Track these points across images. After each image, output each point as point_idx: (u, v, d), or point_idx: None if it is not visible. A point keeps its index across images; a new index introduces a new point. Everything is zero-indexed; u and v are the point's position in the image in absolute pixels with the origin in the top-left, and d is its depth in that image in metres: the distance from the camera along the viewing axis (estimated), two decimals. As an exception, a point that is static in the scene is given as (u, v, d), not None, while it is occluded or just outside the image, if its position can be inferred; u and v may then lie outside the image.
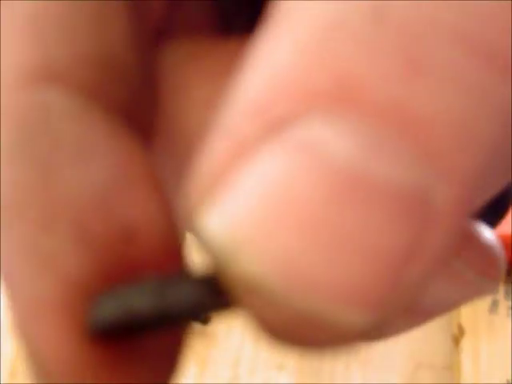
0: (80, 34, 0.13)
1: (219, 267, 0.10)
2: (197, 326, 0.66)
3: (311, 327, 0.10)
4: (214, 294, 0.11)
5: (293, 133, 0.10)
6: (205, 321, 0.65)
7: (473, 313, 0.62)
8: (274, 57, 0.10)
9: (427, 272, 0.10)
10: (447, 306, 0.16)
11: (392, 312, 0.10)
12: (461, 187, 0.10)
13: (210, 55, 0.14)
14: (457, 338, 0.62)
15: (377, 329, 0.10)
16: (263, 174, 0.10)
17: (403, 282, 0.10)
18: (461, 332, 0.62)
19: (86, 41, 0.13)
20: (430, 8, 0.10)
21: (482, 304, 0.63)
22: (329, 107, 0.10)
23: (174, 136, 0.14)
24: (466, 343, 0.61)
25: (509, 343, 0.60)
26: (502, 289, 0.63)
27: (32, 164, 0.12)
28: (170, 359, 0.13)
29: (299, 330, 0.10)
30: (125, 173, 0.12)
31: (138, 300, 0.11)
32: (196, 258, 0.12)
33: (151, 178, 0.12)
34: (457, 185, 0.10)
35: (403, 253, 0.10)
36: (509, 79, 0.10)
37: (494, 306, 0.63)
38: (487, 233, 0.16)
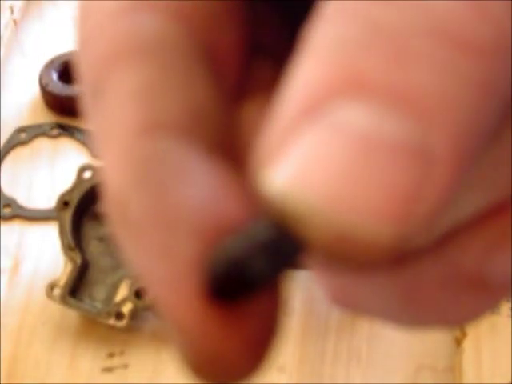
0: (176, 93, 0.17)
1: (282, 209, 0.15)
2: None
3: (350, 244, 0.15)
4: (286, 232, 0.15)
5: (326, 116, 0.15)
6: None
7: (474, 314, 0.62)
8: (307, 66, 0.15)
9: (436, 205, 0.15)
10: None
11: (412, 232, 0.14)
12: (452, 139, 0.14)
13: None
14: (458, 340, 0.62)
15: (402, 246, 0.15)
16: (311, 143, 0.15)
17: (417, 207, 0.14)
18: (462, 333, 0.62)
19: (181, 100, 0.17)
20: (409, 15, 0.15)
21: (483, 305, 0.62)
22: (347, 95, 0.15)
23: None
24: (467, 344, 0.61)
25: (510, 344, 0.60)
26: (503, 290, 0.63)
27: (153, 189, 0.16)
28: (272, 317, 0.17)
29: (342, 247, 0.15)
30: (218, 184, 0.17)
31: (240, 250, 0.16)
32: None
33: (238, 185, 0.17)
34: (448, 137, 0.14)
35: (414, 185, 0.14)
36: (476, 58, 0.14)
37: (496, 307, 0.62)
38: None
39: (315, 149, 0.14)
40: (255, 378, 0.17)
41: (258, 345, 0.17)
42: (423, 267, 0.18)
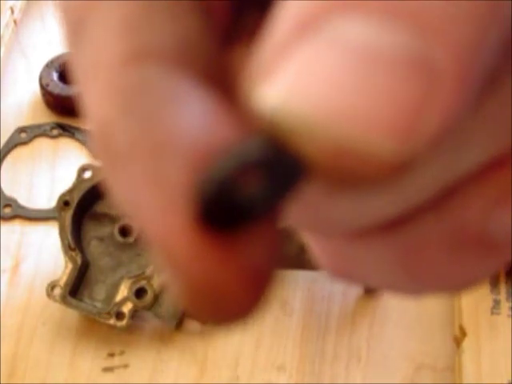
0: (162, 25, 0.17)
1: (277, 125, 0.14)
2: (197, 327, 0.66)
3: (350, 159, 0.14)
4: (282, 151, 0.14)
5: (327, 30, 0.14)
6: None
7: (474, 314, 0.62)
8: None
9: (440, 125, 0.14)
10: None
11: (415, 151, 0.14)
12: (456, 53, 0.14)
13: None
14: (458, 339, 0.62)
15: (406, 165, 0.14)
16: (308, 57, 0.14)
17: (421, 123, 0.14)
18: (462, 333, 0.62)
19: (169, 30, 0.17)
20: None
21: (483, 305, 0.62)
22: (347, 11, 0.14)
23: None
24: (467, 344, 0.61)
25: (510, 344, 0.60)
26: (503, 289, 0.63)
27: (141, 117, 0.16)
28: (271, 248, 0.16)
29: (341, 163, 0.14)
30: (209, 111, 0.16)
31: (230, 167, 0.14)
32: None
33: (228, 110, 0.16)
34: (452, 50, 0.14)
35: (418, 98, 0.14)
36: None
37: (496, 306, 0.62)
38: None
39: (312, 61, 0.14)
40: (256, 317, 0.16)
41: (257, 276, 0.15)
42: (424, 226, 0.18)
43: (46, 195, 0.74)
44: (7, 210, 0.73)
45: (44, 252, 0.71)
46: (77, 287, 0.66)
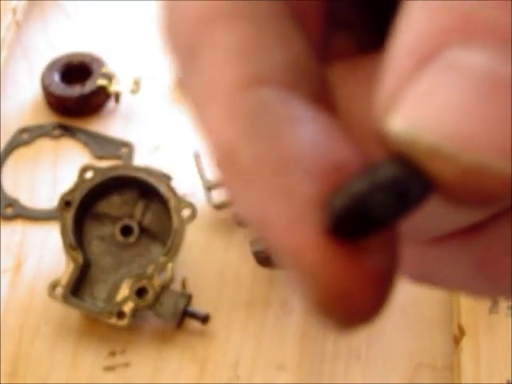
0: (273, 49, 0.18)
1: (407, 148, 0.15)
2: (197, 326, 0.66)
3: (479, 178, 0.15)
4: (413, 171, 0.16)
5: (442, 59, 0.15)
6: (205, 320, 0.65)
7: (473, 313, 0.62)
8: (417, 15, 0.16)
9: None
10: None
11: None
12: None
13: (364, 68, 0.20)
14: (457, 338, 0.62)
15: None
16: (431, 84, 0.15)
17: None
18: (461, 332, 0.62)
19: (279, 55, 0.18)
20: None
21: (482, 304, 0.63)
22: (463, 38, 0.15)
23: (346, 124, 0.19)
24: (466, 343, 0.61)
25: (509, 343, 0.60)
26: (502, 289, 0.63)
27: (265, 136, 0.17)
28: (392, 255, 0.17)
29: (471, 182, 0.15)
30: (325, 129, 0.17)
31: (360, 187, 0.16)
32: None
33: (342, 131, 0.18)
34: None
35: None
36: None
37: (495, 305, 0.62)
38: None
39: (435, 88, 0.15)
40: (376, 319, 0.17)
41: (381, 280, 0.17)
42: (502, 231, 0.19)
43: (47, 195, 0.74)
44: (9, 210, 0.74)
45: (45, 252, 0.71)
46: (78, 287, 0.66)
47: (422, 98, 0.15)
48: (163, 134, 0.79)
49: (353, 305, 0.17)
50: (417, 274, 0.21)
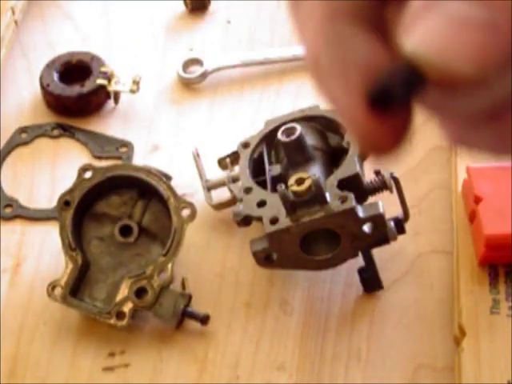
0: None
1: (414, 57, 0.27)
2: (196, 327, 0.66)
3: (453, 72, 0.26)
4: (416, 70, 0.27)
5: (442, 6, 0.26)
6: (204, 320, 0.65)
7: (474, 313, 0.62)
8: None
9: (499, 57, 0.26)
10: None
11: (487, 70, 0.26)
12: (507, 18, 0.26)
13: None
14: (458, 339, 0.62)
15: (481, 76, 0.26)
16: (431, 23, 0.27)
17: (485, 55, 0.26)
18: (462, 332, 0.62)
19: None
20: None
21: (482, 304, 0.63)
22: None
23: None
24: (466, 344, 0.61)
25: (510, 344, 0.60)
26: (502, 289, 0.63)
27: (337, 49, 0.29)
28: (408, 119, 0.29)
29: (446, 75, 0.27)
30: (372, 46, 0.29)
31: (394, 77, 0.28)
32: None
33: (384, 47, 0.29)
34: (506, 16, 0.26)
35: (486, 42, 0.26)
36: None
37: (495, 306, 0.62)
38: None
39: (433, 24, 0.26)
40: (399, 155, 0.29)
41: (399, 131, 0.28)
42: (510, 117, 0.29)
43: (46, 195, 0.74)
44: (8, 210, 0.73)
45: (45, 252, 0.71)
46: (77, 287, 0.66)
47: (424, 30, 0.26)
48: (163, 133, 0.79)
49: (381, 141, 0.29)
50: (456, 139, 0.32)
